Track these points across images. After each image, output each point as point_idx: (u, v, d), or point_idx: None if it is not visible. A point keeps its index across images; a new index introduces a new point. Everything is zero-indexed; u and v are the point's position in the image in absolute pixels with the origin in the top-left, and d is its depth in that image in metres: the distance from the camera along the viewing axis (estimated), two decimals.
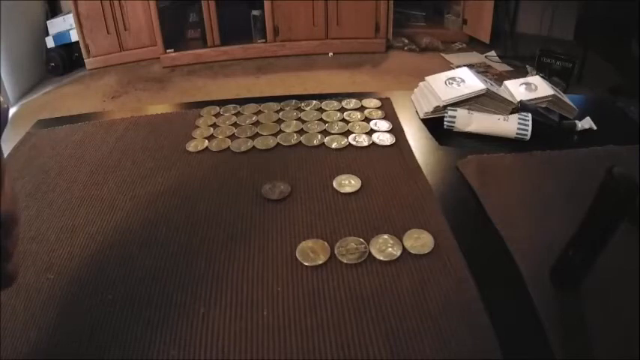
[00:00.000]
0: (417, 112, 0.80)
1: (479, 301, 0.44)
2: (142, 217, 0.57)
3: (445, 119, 0.74)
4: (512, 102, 0.75)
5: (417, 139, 0.73)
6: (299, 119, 0.78)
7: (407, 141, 0.71)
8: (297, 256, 0.50)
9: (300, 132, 0.74)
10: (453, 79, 0.78)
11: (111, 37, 3.03)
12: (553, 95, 0.76)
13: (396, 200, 0.58)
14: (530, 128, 0.70)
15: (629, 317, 0.42)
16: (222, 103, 0.84)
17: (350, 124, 0.75)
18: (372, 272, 0.48)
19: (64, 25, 2.99)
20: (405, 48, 3.17)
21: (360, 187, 0.61)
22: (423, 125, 0.77)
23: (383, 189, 0.60)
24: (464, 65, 1.00)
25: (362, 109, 0.80)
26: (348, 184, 0.61)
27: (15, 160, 0.70)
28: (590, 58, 2.59)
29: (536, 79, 0.81)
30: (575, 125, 0.73)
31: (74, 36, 2.98)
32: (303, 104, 0.82)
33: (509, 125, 0.71)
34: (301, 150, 0.70)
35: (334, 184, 0.61)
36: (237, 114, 0.81)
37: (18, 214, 0.32)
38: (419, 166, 0.65)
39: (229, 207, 0.58)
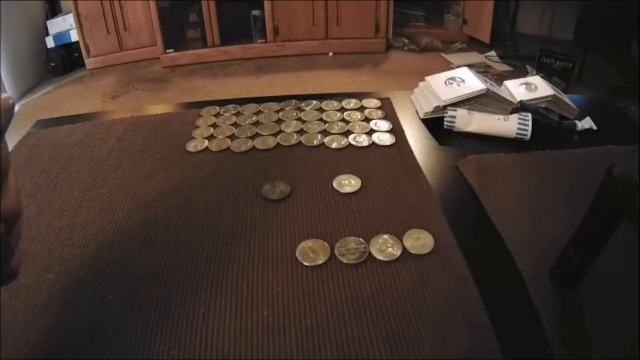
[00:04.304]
0: (417, 112, 0.80)
1: (479, 301, 0.44)
2: (142, 217, 0.57)
3: (445, 119, 0.74)
4: (512, 102, 0.75)
5: (417, 139, 0.73)
6: (299, 119, 0.78)
7: (407, 141, 0.71)
8: (297, 256, 0.50)
9: (300, 132, 0.74)
10: (453, 79, 0.78)
11: (111, 37, 3.03)
12: (553, 95, 0.76)
13: (396, 200, 0.58)
14: (530, 128, 0.70)
15: (629, 317, 0.42)
16: (222, 103, 0.84)
17: (350, 124, 0.75)
18: (372, 272, 0.48)
19: (64, 25, 2.99)
20: (405, 48, 3.17)
21: (360, 187, 0.61)
22: (423, 125, 0.77)
23: (383, 189, 0.60)
24: (464, 65, 1.00)
25: (362, 109, 0.80)
26: (348, 184, 0.61)
27: (15, 160, 0.69)
28: (590, 58, 2.59)
29: (536, 79, 0.81)
30: (575, 125, 0.73)
31: (74, 36, 2.98)
32: (303, 104, 0.82)
33: (509, 125, 0.71)
34: (301, 150, 0.70)
35: (334, 184, 0.61)
36: (237, 114, 0.81)
37: (21, 210, 0.32)
38: (419, 166, 0.65)
39: (229, 207, 0.58)
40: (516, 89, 0.80)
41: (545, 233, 0.52)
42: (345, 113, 0.79)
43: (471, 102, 0.75)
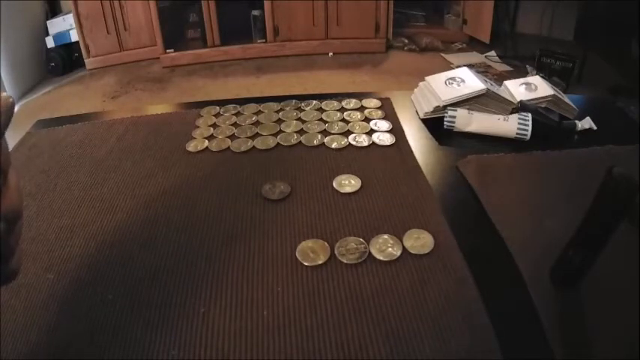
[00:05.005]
0: (417, 112, 0.80)
1: (479, 301, 0.44)
2: (142, 217, 0.57)
3: (445, 119, 0.74)
4: (512, 102, 0.75)
5: (417, 139, 0.73)
6: (299, 119, 0.78)
7: (407, 141, 0.71)
8: (297, 256, 0.50)
9: (300, 132, 0.74)
10: (453, 79, 0.78)
11: (111, 37, 3.03)
12: (553, 95, 0.76)
13: (396, 200, 0.58)
14: (530, 128, 0.70)
15: (629, 317, 0.42)
16: (222, 103, 0.84)
17: (350, 124, 0.75)
18: (372, 272, 0.48)
19: (64, 25, 2.99)
20: (405, 48, 3.17)
21: (360, 187, 0.61)
22: (423, 125, 0.77)
23: (383, 189, 0.60)
24: (464, 65, 1.00)
25: (362, 109, 0.80)
26: (348, 184, 0.61)
27: (15, 160, 0.69)
28: (590, 58, 2.59)
29: (536, 79, 0.81)
30: (575, 125, 0.73)
31: (74, 36, 2.98)
32: (303, 104, 0.82)
33: (509, 125, 0.71)
34: (301, 150, 0.70)
35: (334, 184, 0.61)
36: (237, 114, 0.81)
37: (22, 210, 0.32)
38: (419, 166, 0.65)
39: (229, 207, 0.58)
40: (516, 89, 0.80)
41: (545, 233, 0.52)
42: (345, 113, 0.79)
43: (471, 102, 0.75)
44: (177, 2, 2.95)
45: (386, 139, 0.71)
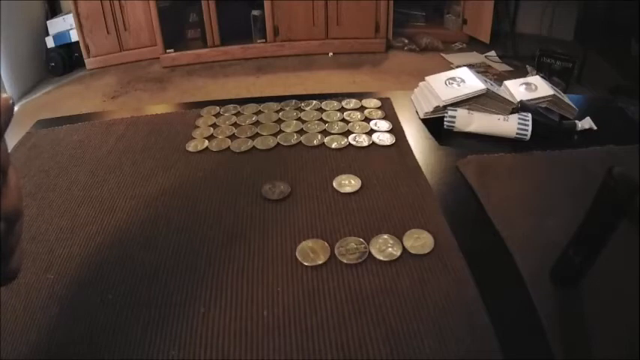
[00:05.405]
0: (417, 112, 0.80)
1: (479, 301, 0.44)
2: (142, 217, 0.57)
3: (445, 119, 0.74)
4: (512, 102, 0.75)
5: (417, 139, 0.73)
6: (299, 119, 0.78)
7: (407, 141, 0.71)
8: (297, 256, 0.50)
9: (300, 132, 0.74)
10: (453, 79, 0.78)
11: (111, 37, 3.03)
12: (553, 95, 0.76)
13: (396, 200, 0.58)
14: (530, 128, 0.70)
15: (629, 317, 0.42)
16: (222, 103, 0.84)
17: (350, 124, 0.75)
18: (372, 272, 0.48)
19: (64, 25, 3.00)
20: (405, 48, 3.17)
21: (360, 187, 0.61)
22: (423, 125, 0.77)
23: (383, 189, 0.60)
24: (464, 65, 1.00)
25: (362, 109, 0.80)
26: (348, 184, 0.61)
27: (15, 160, 0.69)
28: (590, 58, 2.59)
29: (536, 79, 0.81)
30: (575, 125, 0.73)
31: (74, 36, 2.98)
32: (303, 104, 0.82)
33: (509, 125, 0.71)
34: (301, 150, 0.70)
35: (334, 184, 0.61)
36: (237, 114, 0.81)
37: (22, 209, 0.32)
38: (419, 166, 0.65)
39: (229, 207, 0.58)
40: (516, 89, 0.80)
41: (545, 233, 0.52)
42: (345, 113, 0.79)
43: (471, 102, 0.75)
44: (177, 2, 2.95)
45: (386, 139, 0.71)
